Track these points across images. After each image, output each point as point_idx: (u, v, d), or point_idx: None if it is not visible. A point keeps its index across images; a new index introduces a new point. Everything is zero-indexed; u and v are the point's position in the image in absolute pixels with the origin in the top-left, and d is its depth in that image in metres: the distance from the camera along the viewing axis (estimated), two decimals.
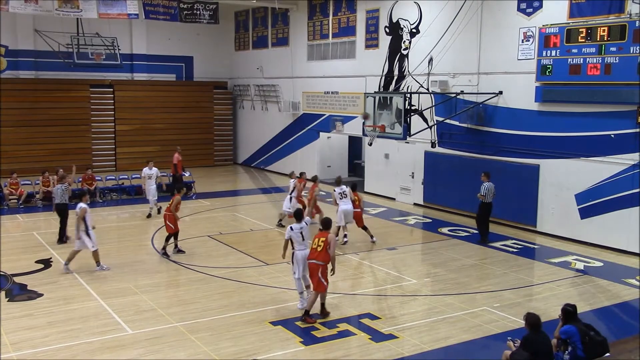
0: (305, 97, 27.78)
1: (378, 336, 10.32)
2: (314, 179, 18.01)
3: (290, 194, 18.14)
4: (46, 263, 14.60)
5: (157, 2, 26.40)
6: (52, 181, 21.87)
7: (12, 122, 27.73)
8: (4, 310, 11.46)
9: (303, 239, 11.40)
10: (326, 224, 11.35)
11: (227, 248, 16.05)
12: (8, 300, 12.02)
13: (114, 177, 24.87)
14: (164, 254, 15.08)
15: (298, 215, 11.71)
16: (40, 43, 28.35)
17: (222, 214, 20.80)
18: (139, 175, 24.75)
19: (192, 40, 31.93)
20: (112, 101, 30.38)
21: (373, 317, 11.17)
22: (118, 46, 29.52)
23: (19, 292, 12.49)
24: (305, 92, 27.70)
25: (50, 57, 28.51)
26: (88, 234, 13.78)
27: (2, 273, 13.66)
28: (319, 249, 10.89)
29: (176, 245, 15.31)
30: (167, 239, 15.19)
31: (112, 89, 30.33)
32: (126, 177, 24.73)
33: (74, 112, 29.27)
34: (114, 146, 30.47)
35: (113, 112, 30.41)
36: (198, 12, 27.38)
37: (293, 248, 11.46)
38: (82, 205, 13.79)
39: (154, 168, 20.53)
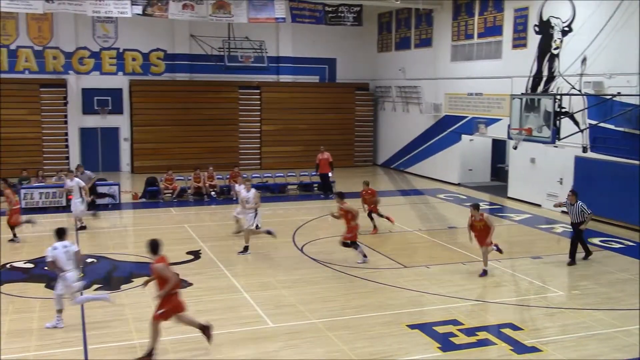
0: (447, 98, 27.30)
1: (520, 348, 9.90)
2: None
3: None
4: (196, 254, 15.47)
5: (303, 6, 27.15)
6: (203, 178, 23.18)
7: (169, 122, 29.70)
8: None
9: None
10: (152, 247, 9.72)
11: (365, 249, 16.09)
12: None
13: (259, 175, 25.86)
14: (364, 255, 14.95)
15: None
16: (195, 47, 30.12)
17: (360, 214, 20.87)
18: (282, 174, 25.68)
19: (335, 42, 32.44)
20: (259, 102, 31.60)
21: (515, 328, 10.72)
22: (265, 49, 30.73)
23: None
24: (448, 93, 27.22)
25: (204, 60, 30.20)
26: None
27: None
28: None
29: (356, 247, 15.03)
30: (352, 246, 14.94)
31: (259, 90, 31.55)
32: (270, 175, 25.64)
33: (223, 112, 30.79)
34: (259, 145, 31.68)
35: (259, 113, 31.63)
36: (342, 15, 27.81)
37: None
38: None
39: (75, 179, 18.09)
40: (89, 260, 14.85)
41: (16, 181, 22.40)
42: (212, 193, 23.22)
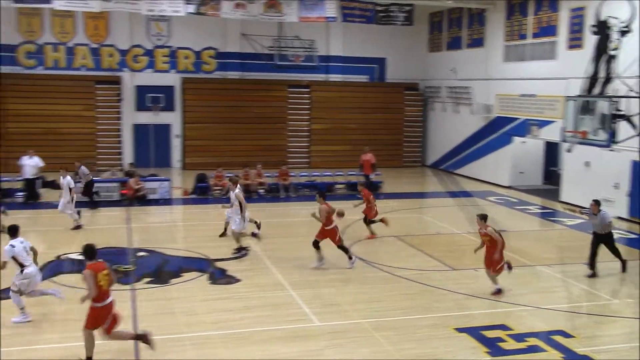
0: (499, 99, 26.86)
1: (571, 355, 9.67)
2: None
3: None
4: (243, 251, 15.59)
5: (354, 6, 27.12)
6: (251, 175, 23.38)
7: (219, 119, 30.07)
8: (205, 292, 12.47)
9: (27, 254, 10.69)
10: (86, 252, 9.41)
11: (413, 250, 16.02)
12: (210, 283, 13.06)
13: (307, 174, 25.96)
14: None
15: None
16: (246, 46, 30.41)
17: (408, 215, 20.81)
18: (330, 173, 25.71)
19: (385, 41, 32.27)
20: (308, 101, 31.69)
21: (566, 335, 10.48)
22: (316, 48, 30.85)
23: (220, 276, 13.50)
24: (500, 94, 26.77)
25: (254, 58, 30.48)
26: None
27: (205, 257, 14.88)
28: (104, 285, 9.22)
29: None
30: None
31: (308, 89, 31.65)
32: (318, 174, 25.72)
33: (272, 111, 30.98)
34: (308, 144, 31.77)
35: (308, 112, 31.73)
36: (393, 14, 27.66)
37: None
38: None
39: (67, 177, 17.82)
40: (140, 254, 15.17)
41: (72, 175, 23.05)
42: (261, 191, 23.41)
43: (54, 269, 13.75)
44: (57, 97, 28.30)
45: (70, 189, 17.53)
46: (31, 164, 21.34)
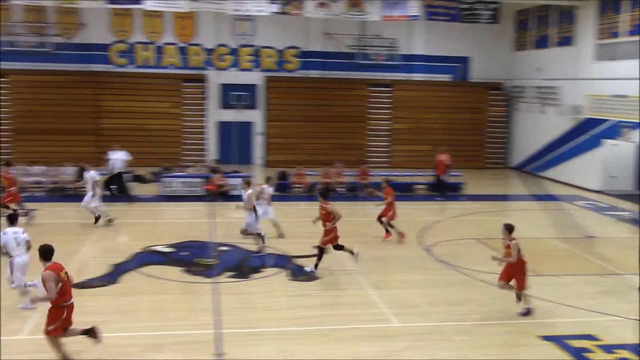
0: (588, 100, 25.81)
1: None
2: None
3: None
4: (322, 249, 15.65)
5: (438, 4, 26.74)
6: (332, 174, 23.48)
7: (300, 117, 30.36)
8: (285, 288, 12.62)
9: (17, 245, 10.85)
10: (42, 253, 9.09)
11: (494, 253, 15.59)
12: (290, 279, 13.21)
13: (387, 173, 25.78)
14: None
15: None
16: (328, 45, 30.55)
17: (490, 218, 20.33)
18: (411, 173, 25.47)
19: (469, 40, 31.63)
20: (389, 100, 31.51)
21: None
22: (397, 47, 30.64)
23: (299, 273, 13.63)
24: (589, 94, 25.72)
25: (336, 57, 30.57)
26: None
27: (285, 253, 15.06)
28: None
29: None
30: None
31: (389, 89, 31.45)
32: (397, 173, 25.53)
33: (352, 110, 30.98)
34: (388, 144, 31.59)
35: (389, 111, 31.54)
36: (478, 12, 27.09)
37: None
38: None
39: (91, 172, 17.66)
40: (223, 248, 15.52)
41: (160, 170, 23.93)
42: (340, 189, 23.48)
43: (140, 260, 14.26)
44: (146, 94, 29.35)
45: (94, 183, 17.43)
46: (117, 158, 22.17)
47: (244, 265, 14.34)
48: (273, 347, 9.73)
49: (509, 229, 11.50)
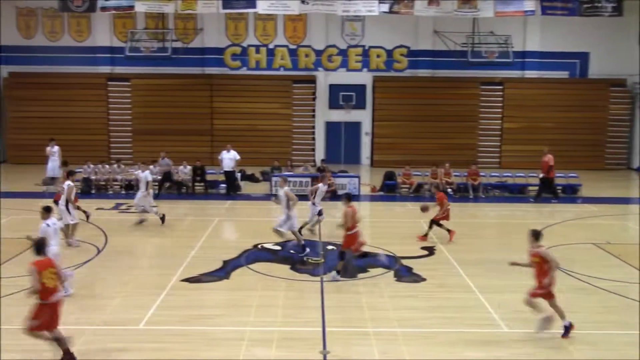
0: None
1: None
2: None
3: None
4: (430, 250, 15.47)
5: None
6: (440, 174, 23.08)
7: (408, 117, 30.10)
8: (391, 288, 12.55)
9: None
10: (36, 246, 9.12)
11: (615, 260, 14.77)
12: (396, 280, 13.12)
13: (497, 174, 25.07)
14: None
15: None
16: (438, 43, 30.09)
17: (610, 222, 19.25)
18: (523, 174, 24.56)
19: (589, 35, 30.05)
20: (501, 99, 30.59)
21: None
22: (511, 43, 29.68)
23: (406, 274, 13.51)
24: None
25: (446, 56, 30.08)
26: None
27: (392, 254, 14.98)
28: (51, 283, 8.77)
29: None
30: None
31: (501, 87, 30.54)
32: (509, 174, 24.71)
33: (463, 109, 30.34)
34: (499, 143, 30.69)
35: (501, 110, 30.62)
36: (600, 5, 25.68)
37: None
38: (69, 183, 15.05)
39: (146, 172, 17.76)
40: (330, 247, 15.66)
41: (269, 169, 24.49)
42: (449, 190, 23.03)
43: (251, 257, 14.67)
44: (257, 95, 30.20)
45: (147, 183, 17.61)
46: (229, 157, 22.90)
47: (350, 264, 14.38)
48: (377, 348, 9.69)
49: (536, 235, 10.41)
